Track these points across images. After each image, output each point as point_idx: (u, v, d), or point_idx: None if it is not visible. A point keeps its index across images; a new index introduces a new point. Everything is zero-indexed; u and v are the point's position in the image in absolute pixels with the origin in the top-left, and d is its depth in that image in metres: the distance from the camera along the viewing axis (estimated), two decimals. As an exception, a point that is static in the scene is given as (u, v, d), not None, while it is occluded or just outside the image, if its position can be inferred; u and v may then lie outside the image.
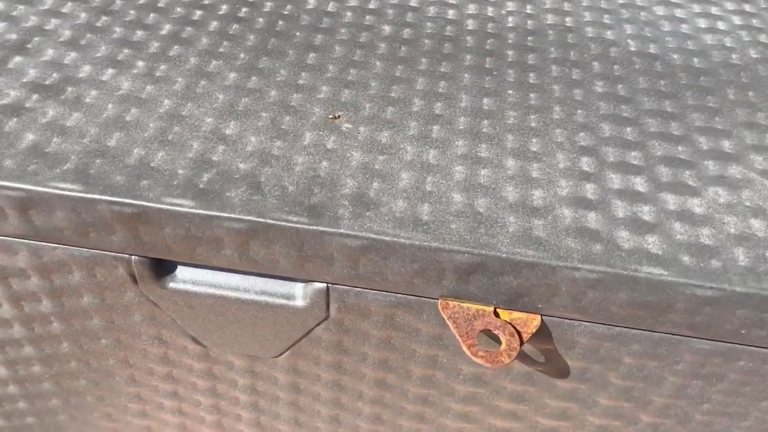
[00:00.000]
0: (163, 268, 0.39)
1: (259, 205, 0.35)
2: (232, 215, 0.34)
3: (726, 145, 0.41)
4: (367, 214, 0.35)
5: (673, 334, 0.36)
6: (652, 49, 0.49)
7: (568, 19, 0.51)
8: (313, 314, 0.39)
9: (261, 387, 0.46)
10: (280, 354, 0.42)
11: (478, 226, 0.35)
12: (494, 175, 0.38)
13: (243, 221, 0.34)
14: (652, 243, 0.35)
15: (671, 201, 0.37)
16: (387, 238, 0.34)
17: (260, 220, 0.34)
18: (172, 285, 0.39)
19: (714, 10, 0.53)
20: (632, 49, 0.49)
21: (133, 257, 0.38)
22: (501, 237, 0.34)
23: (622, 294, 0.34)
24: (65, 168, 0.35)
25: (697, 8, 0.53)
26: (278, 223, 0.34)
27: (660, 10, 0.53)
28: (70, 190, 0.34)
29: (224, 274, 0.39)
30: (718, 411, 0.40)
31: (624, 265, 0.34)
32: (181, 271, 0.39)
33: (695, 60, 0.48)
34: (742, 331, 0.35)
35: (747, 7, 0.54)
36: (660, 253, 0.34)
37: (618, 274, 0.34)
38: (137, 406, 0.50)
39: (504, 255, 0.34)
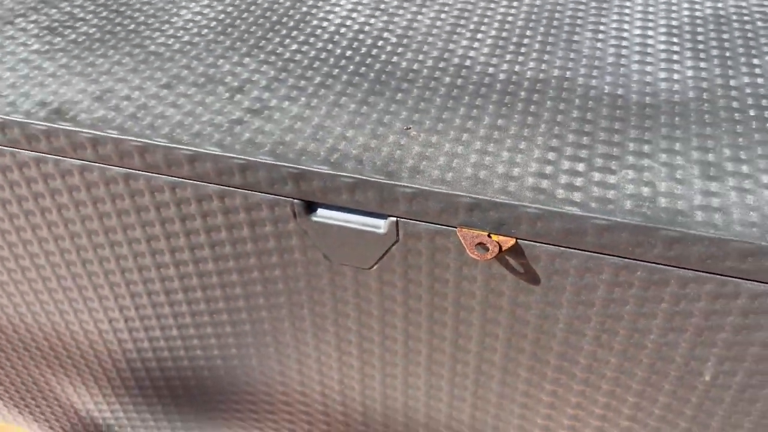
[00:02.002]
0: (311, 209, 0.71)
1: (359, 170, 0.65)
2: (344, 174, 0.65)
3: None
4: (417, 177, 0.65)
5: (592, 251, 0.62)
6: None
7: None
8: (389, 238, 0.69)
9: (362, 293, 0.76)
10: (372, 266, 0.72)
11: (477, 184, 0.63)
12: (494, 160, 0.66)
13: (351, 178, 0.65)
14: (576, 195, 0.62)
15: (596, 176, 0.64)
16: (426, 188, 0.63)
17: (360, 177, 0.65)
18: (315, 218, 0.71)
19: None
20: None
21: (294, 201, 0.70)
22: (489, 190, 0.63)
23: (557, 224, 0.61)
24: (266, 149, 0.68)
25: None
26: (368, 179, 0.65)
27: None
28: (266, 159, 0.67)
29: (343, 213, 0.70)
30: (630, 326, 0.65)
31: (556, 205, 0.61)
32: (321, 211, 0.71)
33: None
34: (630, 249, 0.61)
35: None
36: (578, 200, 0.61)
37: (551, 210, 0.61)
38: (319, 320, 0.82)
39: (489, 198, 0.62)
